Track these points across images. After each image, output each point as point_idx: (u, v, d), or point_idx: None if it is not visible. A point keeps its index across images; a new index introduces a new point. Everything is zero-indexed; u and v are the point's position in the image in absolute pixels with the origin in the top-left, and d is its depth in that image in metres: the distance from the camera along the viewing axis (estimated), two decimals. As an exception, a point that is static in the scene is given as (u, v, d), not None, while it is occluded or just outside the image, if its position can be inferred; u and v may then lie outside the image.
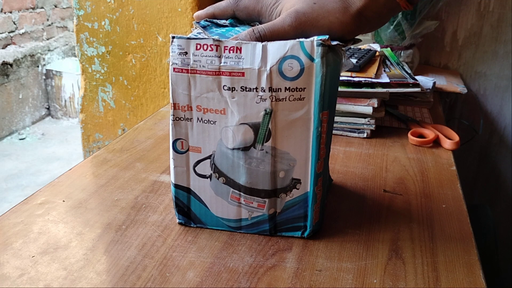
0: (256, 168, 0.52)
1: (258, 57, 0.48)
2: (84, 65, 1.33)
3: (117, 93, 1.33)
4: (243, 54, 0.48)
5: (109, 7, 1.26)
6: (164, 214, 0.59)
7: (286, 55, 0.47)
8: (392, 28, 1.23)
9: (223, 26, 0.54)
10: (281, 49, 0.47)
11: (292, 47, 0.47)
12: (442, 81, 1.29)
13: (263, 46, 0.48)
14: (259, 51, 0.48)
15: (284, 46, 0.47)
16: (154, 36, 1.26)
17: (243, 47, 0.48)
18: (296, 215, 0.54)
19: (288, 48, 0.47)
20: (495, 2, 1.37)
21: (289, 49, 0.47)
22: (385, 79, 0.90)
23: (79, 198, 0.63)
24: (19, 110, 3.26)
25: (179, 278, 0.48)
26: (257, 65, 0.48)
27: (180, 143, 0.53)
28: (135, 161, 0.74)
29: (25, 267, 0.49)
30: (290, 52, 0.47)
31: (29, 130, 3.32)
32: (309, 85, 0.48)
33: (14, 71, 3.19)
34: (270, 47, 0.48)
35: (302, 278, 0.49)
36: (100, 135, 1.39)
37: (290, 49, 0.47)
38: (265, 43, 0.48)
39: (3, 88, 3.11)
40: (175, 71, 0.50)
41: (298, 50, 0.47)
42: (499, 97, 1.44)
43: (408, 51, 1.27)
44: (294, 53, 0.47)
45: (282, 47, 0.47)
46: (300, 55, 0.47)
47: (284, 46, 0.47)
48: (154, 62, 1.28)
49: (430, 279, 0.49)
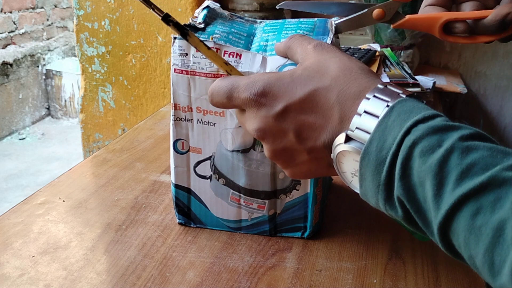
0: (256, 170, 0.52)
1: (257, 64, 0.48)
2: (84, 65, 1.33)
3: (117, 93, 1.33)
4: (243, 60, 0.48)
5: (109, 7, 1.26)
6: (164, 214, 0.59)
7: (286, 63, 0.47)
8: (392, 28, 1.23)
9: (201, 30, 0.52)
10: (281, 60, 0.48)
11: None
12: (442, 81, 1.29)
13: (263, 57, 0.48)
14: (259, 59, 0.48)
15: (284, 58, 0.48)
16: (154, 36, 1.26)
17: (243, 54, 0.48)
18: (296, 216, 0.54)
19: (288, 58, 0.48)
20: (495, 2, 1.37)
21: (289, 59, 0.47)
22: (385, 79, 0.90)
23: (79, 198, 0.63)
24: (19, 110, 3.26)
25: (179, 278, 0.48)
26: (256, 70, 0.48)
27: (180, 143, 0.53)
28: (135, 161, 0.74)
29: (25, 267, 0.49)
30: (290, 61, 0.47)
31: (29, 130, 3.32)
32: None
33: (14, 71, 3.19)
34: (270, 58, 0.48)
35: (302, 278, 0.49)
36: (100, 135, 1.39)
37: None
38: (265, 55, 0.48)
39: (3, 88, 3.11)
40: (175, 72, 0.50)
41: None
42: (499, 97, 1.44)
43: (408, 51, 1.26)
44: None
45: (281, 58, 0.48)
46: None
47: (284, 58, 0.48)
48: (154, 62, 1.28)
49: (430, 279, 0.49)
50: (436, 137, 0.32)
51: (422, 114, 0.34)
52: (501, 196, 0.28)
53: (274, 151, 0.42)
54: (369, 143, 0.35)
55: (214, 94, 0.43)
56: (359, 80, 0.39)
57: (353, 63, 0.41)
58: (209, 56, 0.44)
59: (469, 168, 0.30)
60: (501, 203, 0.27)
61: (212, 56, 0.44)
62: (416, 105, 0.35)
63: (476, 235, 0.28)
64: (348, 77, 0.39)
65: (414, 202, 0.33)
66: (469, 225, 0.28)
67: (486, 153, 0.30)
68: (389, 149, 0.34)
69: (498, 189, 0.28)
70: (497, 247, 0.27)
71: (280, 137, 0.41)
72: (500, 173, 0.28)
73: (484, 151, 0.30)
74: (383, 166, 0.34)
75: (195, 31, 0.50)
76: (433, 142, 0.32)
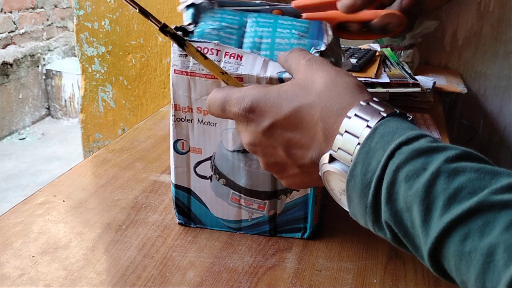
0: (256, 170, 0.52)
1: (258, 66, 0.48)
2: (84, 65, 1.33)
3: (117, 93, 1.33)
4: (243, 61, 0.48)
5: (109, 7, 1.26)
6: (164, 214, 0.59)
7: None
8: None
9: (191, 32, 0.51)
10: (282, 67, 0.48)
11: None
12: (442, 81, 1.29)
13: (264, 60, 0.48)
14: (260, 62, 0.48)
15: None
16: (154, 36, 1.26)
17: (244, 56, 0.48)
18: (296, 216, 0.54)
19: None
20: (495, 2, 1.37)
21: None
22: (385, 79, 0.90)
23: (79, 198, 0.63)
24: (19, 110, 3.26)
25: (179, 278, 0.48)
26: (256, 73, 0.48)
27: (181, 143, 0.53)
28: (135, 161, 0.74)
29: (25, 267, 0.49)
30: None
31: (29, 130, 3.32)
32: None
33: (14, 71, 3.19)
34: (271, 63, 0.48)
35: (302, 278, 0.49)
36: (100, 135, 1.39)
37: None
38: (267, 59, 0.48)
39: (3, 88, 3.11)
40: (175, 72, 0.50)
41: None
42: (499, 97, 1.44)
43: (408, 51, 1.26)
44: None
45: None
46: None
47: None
48: (154, 62, 1.28)
49: (430, 279, 0.49)
50: (421, 160, 0.31)
51: (406, 136, 0.33)
52: (489, 221, 0.27)
53: (267, 163, 0.43)
54: (353, 166, 0.35)
55: (210, 106, 0.44)
56: (342, 96, 0.38)
57: (339, 78, 0.40)
58: (206, 66, 0.45)
59: (457, 193, 0.29)
60: (489, 228, 0.27)
61: (209, 66, 0.45)
62: (399, 125, 0.34)
63: (466, 260, 0.28)
64: (332, 93, 0.39)
65: (402, 227, 0.32)
66: (458, 250, 0.28)
67: (474, 175, 0.29)
68: (373, 172, 0.33)
69: (487, 214, 0.27)
70: (488, 273, 0.26)
71: (270, 152, 0.42)
72: (488, 197, 0.28)
73: (471, 173, 0.30)
74: (368, 189, 0.34)
75: (186, 34, 0.50)
76: (418, 166, 0.31)
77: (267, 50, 0.49)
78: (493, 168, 0.30)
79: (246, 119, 0.41)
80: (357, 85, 0.40)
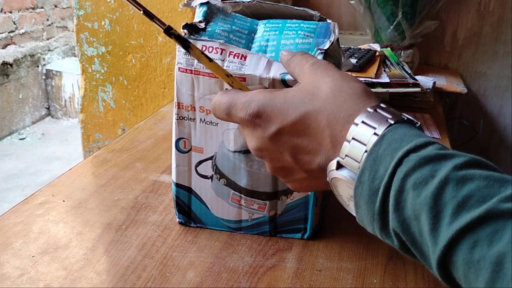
0: (257, 171, 0.52)
1: (262, 67, 0.48)
2: (84, 65, 1.33)
3: (117, 93, 1.33)
4: (247, 62, 0.48)
5: (109, 7, 1.26)
6: (164, 214, 0.59)
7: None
8: (392, 28, 1.23)
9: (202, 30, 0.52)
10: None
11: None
12: (442, 81, 1.29)
13: (268, 61, 0.48)
14: (264, 62, 0.48)
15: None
16: (154, 36, 1.26)
17: (248, 56, 0.48)
18: (296, 217, 0.54)
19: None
20: (495, 2, 1.37)
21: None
22: (385, 79, 0.90)
23: (79, 198, 0.63)
24: (19, 110, 3.26)
25: (179, 278, 0.48)
26: (259, 73, 0.48)
27: (183, 142, 0.53)
28: (135, 161, 0.74)
29: (25, 267, 0.49)
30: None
31: (29, 130, 3.32)
32: None
33: (14, 71, 3.19)
34: (275, 63, 0.48)
35: (302, 278, 0.49)
36: (100, 135, 1.39)
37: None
38: (271, 60, 0.48)
39: (3, 88, 3.11)
40: (180, 70, 0.50)
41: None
42: (499, 97, 1.44)
43: (408, 51, 1.27)
44: None
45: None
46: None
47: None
48: (154, 62, 1.28)
49: (430, 279, 0.49)
50: (429, 167, 0.31)
51: (414, 143, 0.33)
52: (498, 229, 0.27)
53: (274, 168, 0.43)
54: (361, 172, 0.34)
55: (215, 109, 0.44)
56: (348, 103, 0.38)
57: (345, 83, 0.39)
58: (211, 68, 0.44)
59: (465, 201, 0.29)
60: (498, 236, 0.27)
61: (213, 68, 0.44)
62: (407, 132, 0.34)
63: (475, 269, 0.27)
64: (338, 99, 0.38)
65: (410, 235, 0.32)
66: (467, 259, 0.28)
67: (482, 183, 0.29)
68: (381, 179, 0.33)
69: (495, 222, 0.27)
70: (497, 282, 0.26)
71: (277, 157, 0.42)
72: (497, 205, 0.28)
73: (480, 181, 0.29)
74: (376, 197, 0.33)
75: (197, 32, 0.50)
76: (426, 174, 0.31)
77: (272, 52, 0.49)
78: (502, 176, 0.30)
79: (252, 124, 0.41)
80: (364, 91, 0.39)
